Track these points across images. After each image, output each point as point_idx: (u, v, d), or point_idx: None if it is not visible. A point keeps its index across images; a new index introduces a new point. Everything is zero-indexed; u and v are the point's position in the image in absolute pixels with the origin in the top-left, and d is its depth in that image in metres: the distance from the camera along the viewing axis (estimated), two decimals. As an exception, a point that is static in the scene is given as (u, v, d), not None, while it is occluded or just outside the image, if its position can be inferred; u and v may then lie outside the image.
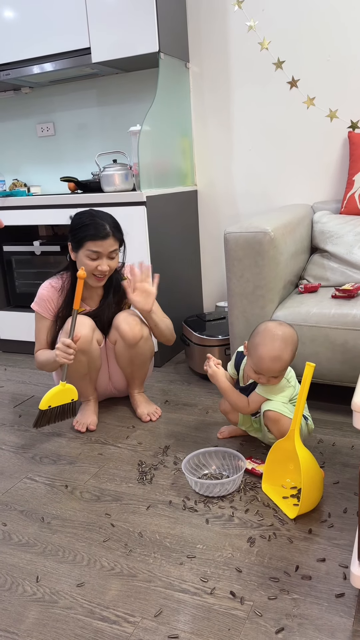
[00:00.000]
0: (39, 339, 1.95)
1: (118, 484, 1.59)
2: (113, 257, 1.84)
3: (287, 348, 1.48)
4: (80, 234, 1.80)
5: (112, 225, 1.82)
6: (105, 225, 1.80)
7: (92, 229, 1.79)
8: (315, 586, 1.15)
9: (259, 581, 1.17)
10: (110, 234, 1.80)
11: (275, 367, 1.49)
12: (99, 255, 1.80)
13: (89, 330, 1.83)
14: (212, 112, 2.70)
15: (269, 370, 1.50)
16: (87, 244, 1.79)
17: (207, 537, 1.33)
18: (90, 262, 1.81)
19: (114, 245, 1.82)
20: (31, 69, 2.67)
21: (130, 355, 1.92)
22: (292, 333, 1.52)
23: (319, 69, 2.42)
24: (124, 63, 2.56)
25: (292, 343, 1.50)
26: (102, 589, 1.19)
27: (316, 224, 2.29)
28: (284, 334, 1.49)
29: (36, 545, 1.35)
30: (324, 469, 1.57)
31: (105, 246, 1.79)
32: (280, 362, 1.48)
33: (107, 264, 1.82)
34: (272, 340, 1.48)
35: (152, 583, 1.19)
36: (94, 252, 1.79)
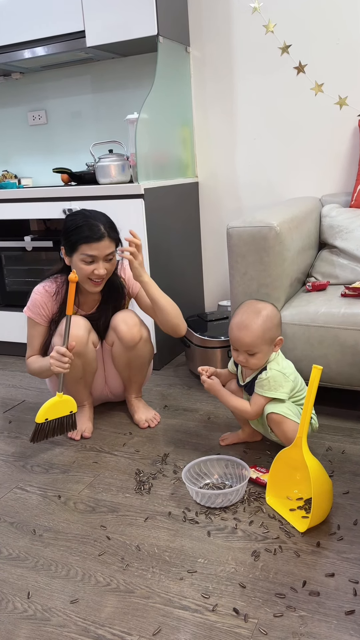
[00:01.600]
0: (32, 345, 1.95)
1: (114, 494, 1.59)
2: (110, 260, 1.81)
3: (256, 319, 1.54)
4: (73, 237, 1.78)
5: (107, 226, 1.80)
6: (99, 226, 1.77)
7: (85, 230, 1.76)
8: (323, 603, 1.15)
9: (264, 597, 1.17)
10: (105, 234, 1.77)
11: (244, 337, 1.54)
12: (94, 259, 1.78)
13: (84, 331, 1.83)
14: (214, 99, 2.70)
15: (238, 342, 1.55)
16: (81, 247, 1.77)
17: (208, 550, 1.33)
18: (86, 267, 1.79)
19: (110, 247, 1.80)
20: (22, 54, 2.67)
21: (128, 358, 1.92)
22: (269, 309, 1.57)
23: (328, 53, 2.42)
24: (120, 47, 2.56)
25: (264, 317, 1.55)
26: (98, 605, 1.19)
27: (324, 218, 2.29)
28: (256, 307, 1.57)
29: (27, 559, 1.35)
30: (333, 478, 1.57)
31: (100, 249, 1.77)
32: (249, 332, 1.53)
33: (104, 268, 1.79)
34: (243, 312, 1.58)
35: (151, 599, 1.19)
36: (89, 255, 1.77)
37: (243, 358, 1.58)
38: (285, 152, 2.60)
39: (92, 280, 1.82)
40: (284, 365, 1.60)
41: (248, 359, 1.57)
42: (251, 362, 1.57)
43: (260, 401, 1.58)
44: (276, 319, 1.58)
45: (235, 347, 1.58)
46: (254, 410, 1.60)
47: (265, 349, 1.56)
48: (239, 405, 1.62)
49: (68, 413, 1.82)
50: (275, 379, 1.56)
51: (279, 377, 1.57)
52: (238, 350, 1.58)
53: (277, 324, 1.58)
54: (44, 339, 1.94)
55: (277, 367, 1.58)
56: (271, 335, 1.56)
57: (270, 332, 1.55)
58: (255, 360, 1.57)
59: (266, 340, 1.55)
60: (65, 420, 1.82)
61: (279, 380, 1.56)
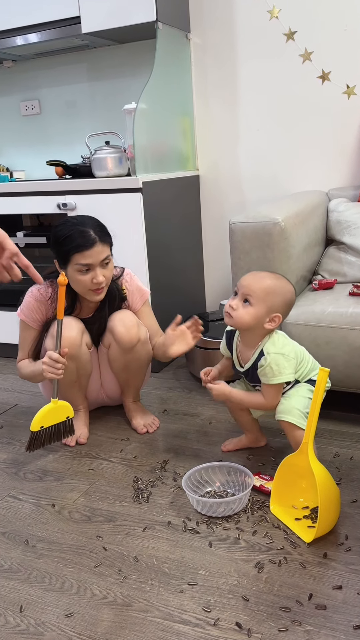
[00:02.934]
0: (23, 348, 1.95)
1: (111, 502, 1.59)
2: (107, 264, 1.81)
3: (273, 279, 1.56)
4: (64, 249, 1.76)
5: (98, 230, 1.78)
6: (89, 232, 1.76)
7: (76, 239, 1.75)
8: (330, 617, 1.15)
9: (268, 611, 1.17)
10: (97, 239, 1.76)
11: (251, 281, 1.54)
12: (90, 267, 1.77)
13: (76, 333, 1.83)
14: (216, 88, 2.70)
15: (243, 282, 1.55)
16: (74, 257, 1.75)
17: (210, 562, 1.33)
18: (83, 277, 1.77)
19: (104, 251, 1.78)
20: (14, 40, 2.67)
21: (125, 361, 1.92)
22: (289, 286, 1.58)
23: (335, 39, 2.42)
24: (117, 34, 2.56)
25: (280, 284, 1.56)
26: (93, 619, 1.19)
27: (332, 213, 2.29)
28: (281, 277, 1.59)
29: (20, 571, 1.35)
30: (341, 486, 1.57)
31: (94, 255, 1.75)
32: (258, 280, 1.54)
33: (101, 275, 1.78)
34: (268, 273, 1.60)
35: (149, 613, 1.19)
36: (84, 265, 1.76)
37: (235, 304, 1.55)
38: (291, 144, 2.60)
39: (92, 290, 1.80)
40: (279, 344, 1.56)
41: (239, 306, 1.54)
42: (238, 313, 1.54)
43: (271, 391, 1.57)
44: (289, 296, 1.57)
45: (237, 289, 1.57)
46: (270, 401, 1.58)
47: (261, 309, 1.52)
48: (255, 401, 1.62)
49: (64, 419, 1.82)
50: (276, 363, 1.53)
51: (279, 360, 1.54)
52: (237, 293, 1.57)
53: (287, 302, 1.57)
54: (36, 343, 1.94)
55: (273, 350, 1.55)
56: (274, 302, 1.53)
57: (275, 298, 1.53)
58: (243, 312, 1.53)
59: (267, 301, 1.52)
60: (62, 426, 1.82)
61: (280, 362, 1.54)
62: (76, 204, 2.44)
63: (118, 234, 2.38)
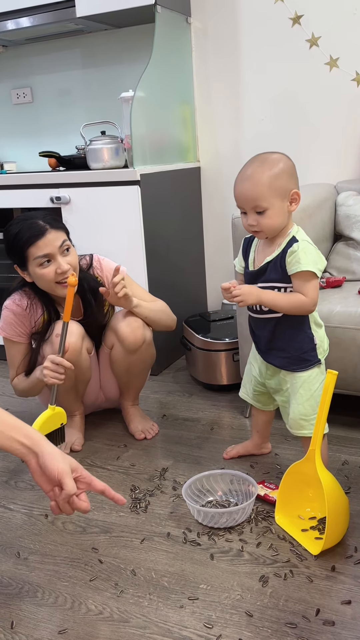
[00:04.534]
0: (13, 365, 1.94)
1: (107, 512, 1.59)
2: (67, 250, 1.80)
3: (262, 166, 1.44)
4: (17, 247, 1.76)
5: (47, 217, 1.79)
6: (37, 222, 1.76)
7: (25, 233, 1.75)
8: (339, 633, 1.15)
9: (273, 627, 1.18)
10: (47, 226, 1.76)
11: (247, 189, 1.43)
12: (50, 257, 1.76)
13: (77, 338, 1.83)
14: (218, 75, 2.70)
15: (242, 197, 1.45)
16: (30, 252, 1.75)
17: (211, 575, 1.33)
18: (46, 271, 1.77)
19: (59, 237, 1.77)
20: (5, 25, 2.67)
21: (129, 362, 1.92)
22: (277, 156, 1.47)
23: (344, 24, 2.42)
24: (114, 17, 2.57)
25: (271, 163, 1.44)
26: (89, 636, 1.19)
27: (340, 207, 2.29)
28: (263, 156, 1.47)
29: (11, 585, 1.35)
30: (350, 495, 1.57)
31: (49, 243, 1.75)
32: (253, 182, 1.42)
33: (65, 262, 1.77)
34: (249, 163, 1.48)
35: (147, 629, 1.19)
36: (42, 256, 1.75)
37: (253, 220, 1.44)
38: (297, 134, 2.60)
39: (60, 283, 1.79)
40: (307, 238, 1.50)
41: (258, 219, 1.44)
42: (264, 224, 1.44)
43: (309, 283, 1.44)
44: (287, 166, 1.45)
45: (241, 207, 1.47)
46: (311, 295, 1.45)
47: (277, 203, 1.43)
48: (295, 300, 1.47)
49: (59, 426, 1.81)
50: (308, 251, 1.45)
51: (310, 248, 1.46)
52: (246, 211, 1.46)
53: (289, 172, 1.45)
54: (26, 356, 1.93)
55: (304, 237, 1.49)
56: (281, 184, 1.43)
57: (279, 181, 1.42)
58: (267, 220, 1.43)
59: (276, 191, 1.42)
60: (56, 433, 1.82)
61: (311, 251, 1.46)
62: (70, 197, 2.44)
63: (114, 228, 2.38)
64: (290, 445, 1.87)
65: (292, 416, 1.56)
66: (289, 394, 1.57)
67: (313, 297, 1.46)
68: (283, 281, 1.49)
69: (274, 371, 1.61)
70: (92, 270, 1.95)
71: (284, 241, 1.48)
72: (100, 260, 1.98)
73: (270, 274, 1.51)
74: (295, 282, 1.47)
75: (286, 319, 1.52)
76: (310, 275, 1.45)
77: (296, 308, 1.48)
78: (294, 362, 1.54)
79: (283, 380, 1.58)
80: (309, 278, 1.46)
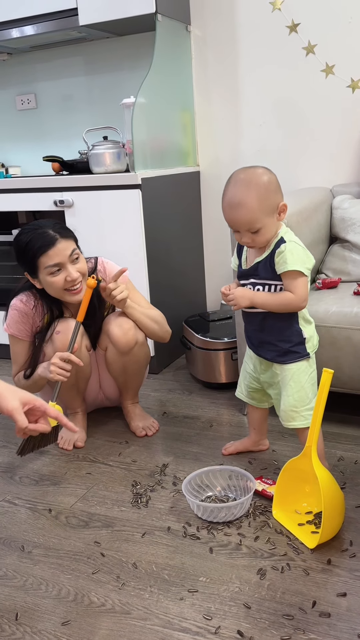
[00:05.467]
0: (17, 362, 1.94)
1: (109, 507, 1.59)
2: (77, 259, 1.80)
3: (249, 191, 1.43)
4: (29, 255, 1.77)
5: (56, 227, 1.79)
6: (47, 232, 1.76)
7: (36, 242, 1.75)
8: (334, 625, 1.15)
9: (271, 619, 1.18)
10: (57, 236, 1.76)
11: (240, 216, 1.45)
12: (60, 266, 1.76)
13: (77, 336, 1.83)
14: (217, 81, 2.70)
15: (235, 223, 1.47)
16: (40, 261, 1.75)
17: (211, 568, 1.33)
18: (56, 279, 1.77)
19: (69, 246, 1.77)
20: (10, 33, 2.67)
21: (123, 363, 1.92)
22: (261, 174, 1.46)
23: (340, 32, 2.42)
24: (115, 26, 2.57)
25: (257, 185, 1.44)
26: (91, 627, 1.19)
27: (336, 210, 2.29)
28: (246, 176, 1.46)
29: (15, 577, 1.35)
30: (345, 490, 1.57)
31: (60, 253, 1.75)
32: (244, 209, 1.44)
33: (74, 270, 1.77)
34: (232, 186, 1.47)
35: (148, 621, 1.19)
36: (53, 265, 1.75)
37: (248, 239, 1.48)
38: (294, 139, 2.60)
39: (69, 290, 1.80)
40: (295, 238, 1.52)
41: (253, 237, 1.48)
42: (258, 241, 1.48)
43: (298, 284, 1.48)
44: (272, 184, 1.47)
45: (234, 228, 1.50)
46: (299, 293, 1.48)
47: (268, 220, 1.46)
48: (283, 299, 1.50)
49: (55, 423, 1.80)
50: (295, 250, 1.48)
51: (297, 248, 1.49)
52: (239, 231, 1.49)
53: (275, 189, 1.48)
54: (29, 354, 1.93)
55: (291, 238, 1.51)
56: (270, 203, 1.46)
57: (268, 201, 1.45)
58: (261, 237, 1.48)
59: (266, 211, 1.45)
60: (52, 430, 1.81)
61: (298, 251, 1.48)
62: (73, 200, 2.44)
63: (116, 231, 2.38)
64: (287, 442, 1.87)
65: (283, 408, 1.57)
66: (280, 386, 1.58)
67: (300, 294, 1.49)
68: (274, 279, 1.53)
69: (266, 365, 1.63)
70: (96, 272, 1.95)
71: (272, 242, 1.51)
72: (104, 264, 1.98)
73: (261, 273, 1.54)
74: (284, 281, 1.51)
75: (274, 314, 1.55)
76: (298, 274, 1.48)
77: (286, 306, 1.51)
78: (283, 355, 1.56)
79: (275, 373, 1.60)
80: (296, 276, 1.48)
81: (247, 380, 1.72)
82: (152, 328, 1.94)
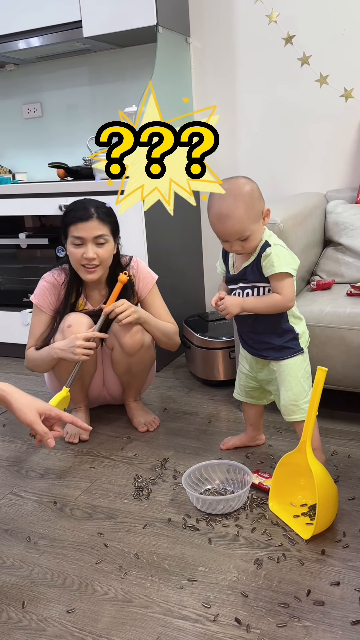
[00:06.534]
0: (34, 334, 1.93)
1: (112, 500, 1.59)
2: (101, 244, 1.80)
3: (236, 202, 1.45)
4: (64, 221, 1.82)
5: (100, 208, 1.80)
6: (88, 208, 1.79)
7: (74, 212, 1.79)
8: (328, 612, 1.15)
9: (267, 607, 1.18)
10: (93, 215, 1.77)
11: (230, 227, 1.46)
12: (83, 241, 1.78)
13: (86, 329, 1.83)
14: (215, 91, 2.70)
15: (225, 233, 1.48)
16: (70, 229, 1.79)
17: (209, 558, 1.33)
18: (75, 250, 1.79)
19: (100, 229, 1.78)
20: (16, 44, 2.67)
21: (128, 364, 1.92)
22: (244, 185, 1.47)
23: (333, 44, 2.42)
24: (118, 38, 2.57)
25: (243, 196, 1.46)
26: (95, 615, 1.19)
27: (330, 215, 2.29)
28: (229, 187, 1.45)
29: (22, 567, 1.35)
30: (338, 483, 1.57)
31: (88, 229, 1.76)
32: (233, 220, 1.45)
33: (93, 251, 1.78)
34: (218, 199, 1.47)
35: (150, 609, 1.20)
36: (76, 237, 1.78)
37: (238, 247, 1.50)
38: (289, 146, 2.60)
39: (84, 266, 1.81)
40: (279, 241, 1.54)
41: (243, 245, 1.50)
42: (247, 247, 1.50)
43: (284, 285, 1.50)
44: (255, 192, 1.49)
45: (223, 239, 1.52)
46: (286, 293, 1.50)
47: (256, 227, 1.49)
48: (271, 301, 1.53)
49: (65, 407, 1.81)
50: (280, 252, 1.50)
51: (281, 250, 1.51)
52: (229, 240, 1.50)
53: (258, 196, 1.49)
54: (46, 330, 1.92)
55: (275, 242, 1.52)
56: (256, 211, 1.48)
57: (254, 209, 1.47)
58: (250, 243, 1.50)
59: (253, 218, 1.48)
60: None
61: (283, 253, 1.50)
62: (77, 205, 2.44)
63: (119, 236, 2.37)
64: (283, 437, 1.87)
65: (283, 403, 1.58)
66: (278, 382, 1.59)
67: (287, 294, 1.51)
68: (262, 281, 1.55)
69: (262, 364, 1.64)
70: (128, 268, 1.94)
71: (257, 247, 1.53)
72: (137, 262, 1.98)
73: (249, 277, 1.56)
74: (272, 283, 1.53)
75: (264, 315, 1.56)
76: (285, 275, 1.50)
77: (275, 308, 1.53)
78: (279, 351, 1.57)
79: (272, 370, 1.62)
80: (283, 278, 1.50)
81: (243, 381, 1.73)
82: (160, 340, 1.95)
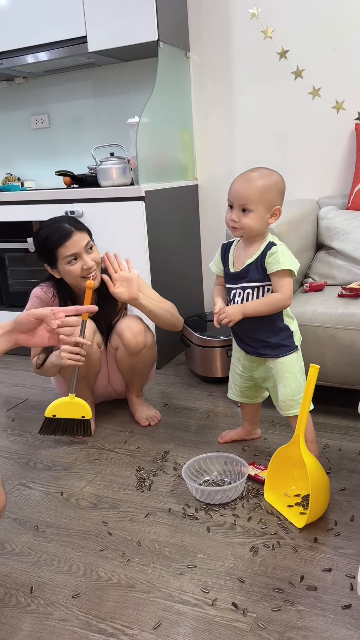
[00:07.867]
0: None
1: (115, 490, 1.59)
2: (91, 249, 1.82)
3: (261, 176, 1.47)
4: (47, 248, 1.78)
5: (71, 222, 1.80)
6: (63, 225, 1.78)
7: (53, 236, 1.77)
8: (320, 597, 1.15)
9: (263, 592, 1.18)
10: (72, 229, 1.77)
11: (243, 189, 1.46)
12: (77, 256, 1.78)
13: (89, 332, 1.83)
14: (214, 103, 2.70)
15: (236, 193, 1.47)
16: (59, 252, 1.77)
17: (208, 546, 1.33)
18: (73, 267, 1.78)
19: (84, 237, 1.79)
20: (25, 59, 2.67)
21: (131, 362, 1.92)
22: (276, 175, 1.50)
23: (325, 58, 2.42)
24: (121, 52, 2.57)
25: (269, 177, 1.47)
26: (99, 600, 1.19)
27: (322, 220, 2.29)
28: (265, 171, 1.49)
29: (30, 554, 1.35)
30: (330, 475, 1.57)
31: (76, 243, 1.76)
32: (249, 185, 1.45)
33: (90, 259, 1.79)
34: (250, 170, 1.50)
35: (151, 594, 1.20)
36: (70, 255, 1.77)
37: (236, 216, 1.47)
38: (283, 155, 2.60)
39: (85, 277, 1.81)
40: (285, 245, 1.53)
41: (241, 217, 1.46)
42: (243, 222, 1.46)
43: (284, 283, 1.48)
44: (280, 185, 1.49)
45: (231, 201, 1.49)
46: (285, 292, 1.48)
47: (261, 210, 1.46)
48: (271, 301, 1.50)
49: (79, 417, 1.79)
50: (286, 252, 1.49)
51: (286, 251, 1.50)
52: (233, 206, 1.48)
53: (280, 191, 1.49)
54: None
55: (281, 243, 1.52)
56: (270, 197, 1.46)
57: (270, 193, 1.46)
58: (247, 220, 1.46)
59: (264, 200, 1.45)
60: (76, 423, 1.79)
61: (288, 253, 1.49)
62: (83, 211, 2.44)
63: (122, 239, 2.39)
64: (277, 431, 1.87)
65: (281, 399, 1.57)
66: (275, 379, 1.58)
67: (286, 292, 1.49)
68: (264, 280, 1.52)
69: (258, 362, 1.63)
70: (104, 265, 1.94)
71: (262, 245, 1.52)
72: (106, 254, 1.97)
73: (252, 275, 1.53)
74: (273, 280, 1.50)
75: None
76: (287, 273, 1.49)
77: (275, 307, 1.52)
78: (276, 349, 1.57)
79: (268, 367, 1.60)
80: (285, 276, 1.49)
81: (237, 381, 1.71)
82: (166, 317, 1.91)
